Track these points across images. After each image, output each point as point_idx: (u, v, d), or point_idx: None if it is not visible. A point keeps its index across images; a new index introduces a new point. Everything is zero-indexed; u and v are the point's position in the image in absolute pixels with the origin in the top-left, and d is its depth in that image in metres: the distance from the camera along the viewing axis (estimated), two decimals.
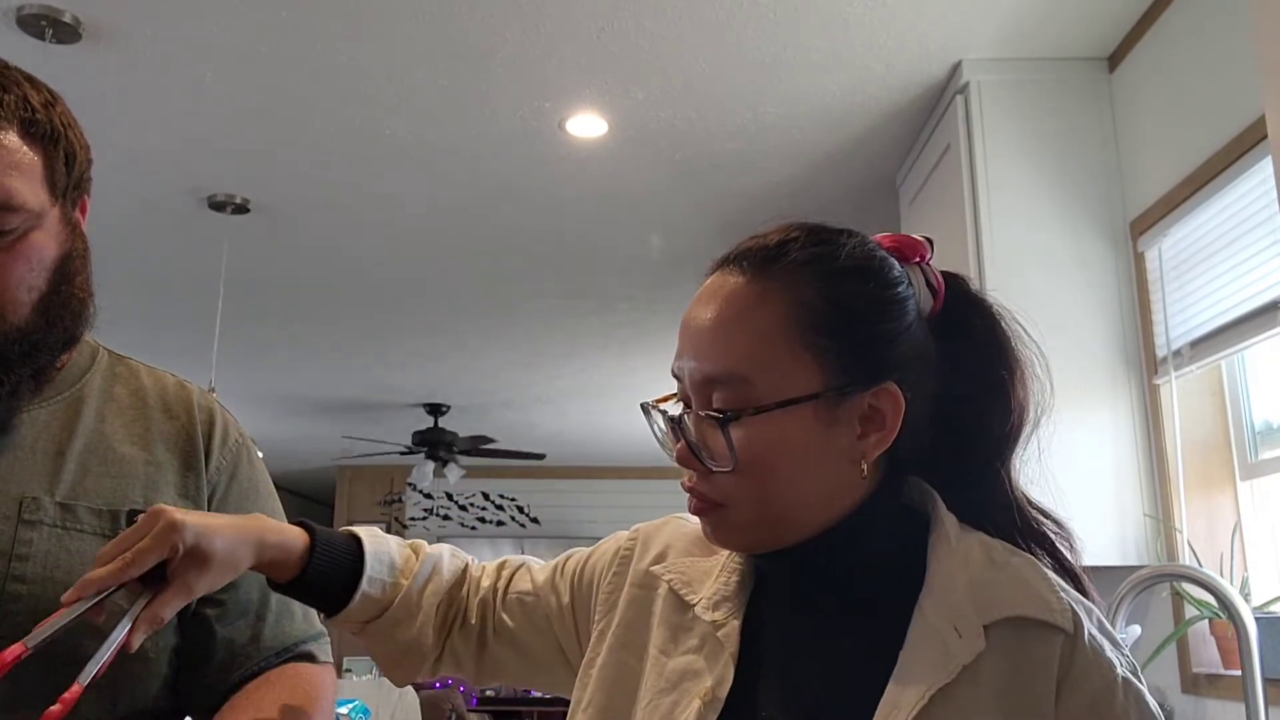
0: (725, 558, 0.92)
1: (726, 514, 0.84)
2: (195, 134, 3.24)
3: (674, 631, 0.90)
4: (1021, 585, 0.82)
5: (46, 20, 2.57)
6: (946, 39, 2.67)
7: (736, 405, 0.81)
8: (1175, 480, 2.38)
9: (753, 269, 0.85)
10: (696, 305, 0.87)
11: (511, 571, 1.05)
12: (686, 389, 0.86)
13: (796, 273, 0.84)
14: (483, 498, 9.47)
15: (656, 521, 1.01)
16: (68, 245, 1.05)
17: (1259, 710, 1.69)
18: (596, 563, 1.01)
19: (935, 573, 0.83)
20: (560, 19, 2.61)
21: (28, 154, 1.00)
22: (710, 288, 0.87)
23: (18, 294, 0.99)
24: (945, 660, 0.78)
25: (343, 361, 6.14)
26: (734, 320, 0.83)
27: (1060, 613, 0.80)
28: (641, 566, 0.96)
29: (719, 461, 0.82)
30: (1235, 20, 2.13)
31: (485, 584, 1.04)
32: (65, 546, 1.01)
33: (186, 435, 1.12)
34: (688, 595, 0.91)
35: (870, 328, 0.83)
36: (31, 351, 1.02)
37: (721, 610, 0.88)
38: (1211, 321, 2.26)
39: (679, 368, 0.87)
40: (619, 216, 3.87)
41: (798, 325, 0.82)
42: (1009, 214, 2.61)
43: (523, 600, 1.02)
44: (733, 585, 0.90)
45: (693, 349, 0.85)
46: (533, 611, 1.02)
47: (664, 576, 0.93)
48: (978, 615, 0.80)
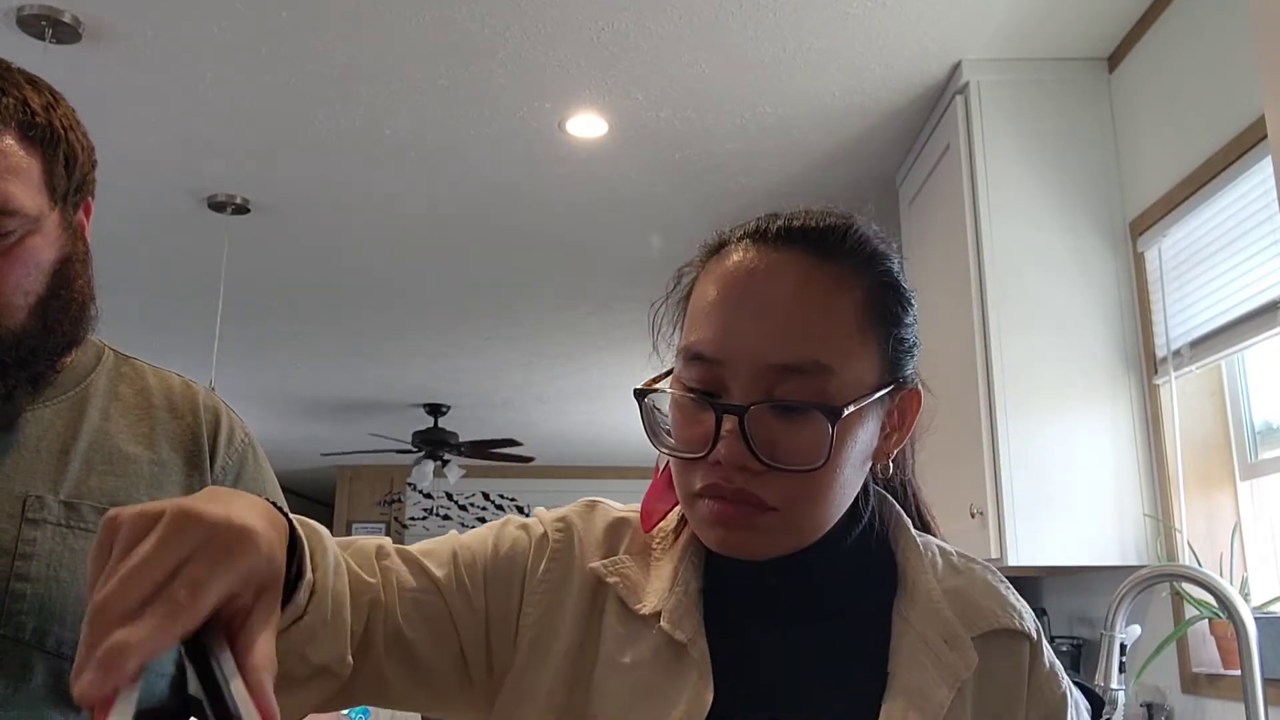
0: (676, 561, 0.83)
1: (773, 519, 0.75)
2: (195, 134, 3.24)
3: (621, 644, 0.80)
4: (991, 593, 0.84)
5: (46, 20, 2.57)
6: (946, 39, 2.67)
7: (818, 398, 0.73)
8: (1175, 480, 2.38)
9: (817, 249, 0.78)
10: (751, 282, 0.77)
11: (395, 562, 0.81)
12: (726, 376, 0.75)
13: (861, 260, 0.79)
14: (483, 498, 9.47)
15: (576, 508, 0.89)
16: (67, 249, 1.04)
17: (1259, 710, 1.70)
18: (513, 556, 0.84)
19: (908, 573, 0.83)
20: (560, 19, 2.61)
21: (25, 158, 0.99)
22: (767, 266, 0.77)
23: (13, 299, 0.99)
24: (942, 673, 0.77)
25: (343, 361, 6.14)
26: (816, 302, 0.76)
27: (1027, 619, 0.83)
28: (588, 564, 0.83)
29: (799, 459, 0.73)
30: (1235, 20, 2.13)
31: (370, 580, 0.78)
32: (69, 545, 1.01)
33: (192, 435, 1.12)
34: (635, 603, 0.81)
35: (909, 324, 0.81)
36: (28, 356, 1.01)
37: (687, 626, 0.79)
38: (1211, 321, 2.26)
39: (721, 350, 0.75)
40: (619, 217, 3.87)
41: (867, 316, 0.77)
42: (1009, 214, 2.61)
43: (419, 600, 0.80)
44: (692, 594, 0.81)
45: (761, 330, 0.75)
46: (432, 613, 0.80)
47: (608, 579, 0.82)
48: (965, 628, 0.80)
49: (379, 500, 9.50)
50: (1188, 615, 2.28)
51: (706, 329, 0.77)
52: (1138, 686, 2.43)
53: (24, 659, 0.96)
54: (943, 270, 2.84)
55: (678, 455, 0.78)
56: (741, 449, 0.73)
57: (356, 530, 9.40)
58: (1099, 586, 2.68)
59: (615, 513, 0.88)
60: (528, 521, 0.87)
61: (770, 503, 0.74)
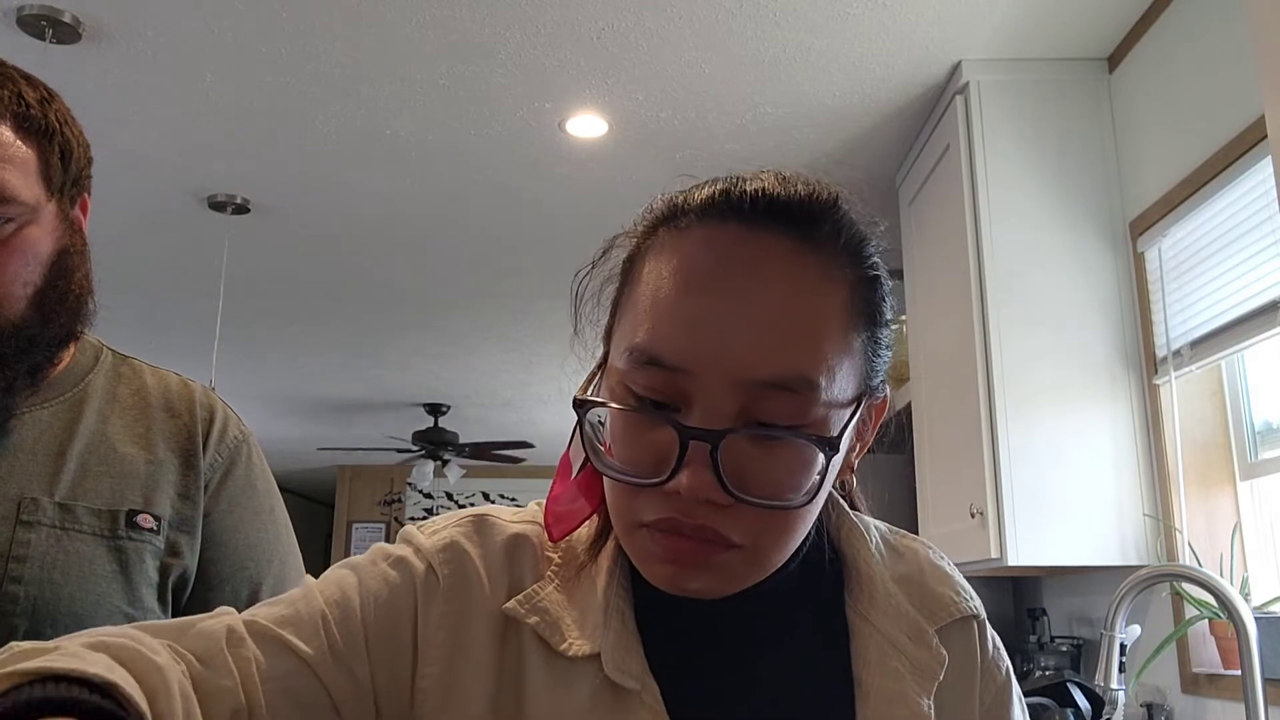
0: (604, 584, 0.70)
1: (734, 556, 0.64)
2: (195, 134, 3.24)
3: (549, 694, 0.67)
4: (944, 579, 0.78)
5: (46, 20, 2.57)
6: (946, 39, 2.67)
7: (796, 419, 0.62)
8: (1175, 480, 2.38)
9: (803, 231, 0.64)
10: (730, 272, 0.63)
11: (251, 650, 0.65)
12: (692, 388, 0.62)
13: (849, 243, 0.66)
14: (483, 498, 9.47)
15: (462, 529, 0.73)
16: (65, 241, 1.05)
17: (1259, 710, 1.70)
18: (394, 607, 0.69)
19: (858, 566, 0.75)
20: (560, 19, 2.61)
21: (21, 148, 1.00)
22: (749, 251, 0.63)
23: (12, 288, 1.00)
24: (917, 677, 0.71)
25: (343, 361, 6.14)
26: (803, 304, 0.63)
27: (974, 600, 0.79)
28: (491, 601, 0.69)
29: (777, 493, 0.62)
30: (1235, 20, 2.13)
31: (226, 684, 0.62)
32: (64, 547, 1.01)
33: (187, 433, 1.12)
34: (560, 644, 0.68)
35: (889, 322, 0.70)
36: (27, 347, 1.02)
37: (633, 670, 0.67)
38: (1211, 321, 2.26)
39: (691, 359, 0.61)
40: (619, 217, 3.85)
41: (852, 314, 0.65)
42: (1009, 214, 2.61)
43: (290, 689, 0.64)
44: (630, 626, 0.69)
45: (744, 337, 0.61)
46: (308, 701, 0.65)
47: (527, 620, 0.68)
48: (927, 620, 0.74)
49: (379, 500, 9.50)
50: (1188, 615, 2.28)
51: (667, 327, 0.62)
52: (1138, 686, 2.43)
53: None
54: (943, 270, 2.84)
55: (623, 479, 0.64)
56: (710, 480, 0.60)
57: (357, 530, 9.41)
58: (1099, 586, 2.68)
59: (509, 527, 0.73)
60: (402, 554, 0.71)
61: (734, 539, 0.62)
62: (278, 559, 1.16)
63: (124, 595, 1.02)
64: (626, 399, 0.64)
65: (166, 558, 1.06)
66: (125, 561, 1.03)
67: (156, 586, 1.05)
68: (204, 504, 1.11)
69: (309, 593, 0.70)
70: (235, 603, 1.11)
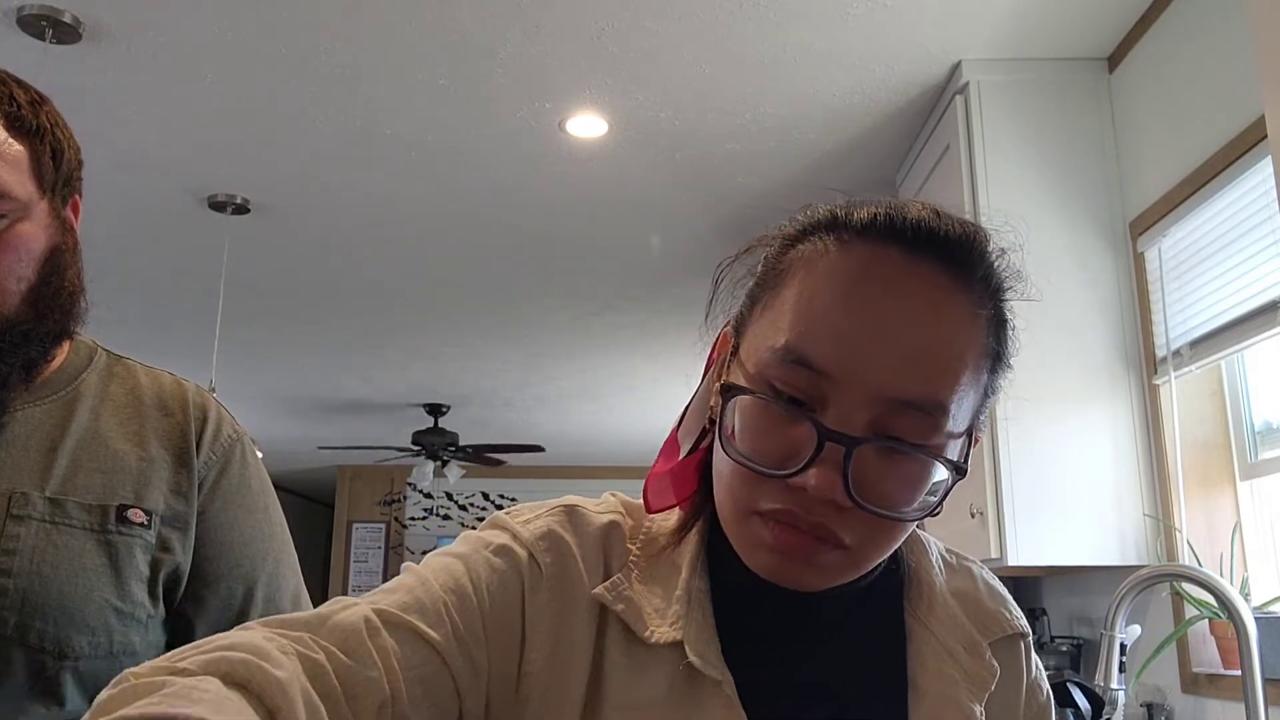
0: (683, 579, 0.73)
1: (841, 556, 0.68)
2: (195, 134, 3.24)
3: (630, 679, 0.70)
4: (998, 597, 0.82)
5: (46, 20, 2.57)
6: (946, 39, 2.67)
7: (922, 439, 0.66)
8: (1175, 480, 2.38)
9: (958, 267, 0.68)
10: (886, 293, 0.66)
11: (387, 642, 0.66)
12: (830, 394, 0.65)
13: (993, 286, 0.71)
14: (483, 498, 9.47)
15: (557, 515, 0.76)
16: (57, 239, 1.06)
17: (1259, 710, 1.69)
18: (506, 597, 0.71)
19: (919, 572, 0.79)
20: (560, 19, 2.61)
21: (14, 145, 1.02)
22: (902, 277, 0.67)
23: (6, 284, 1.01)
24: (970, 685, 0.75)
25: (343, 361, 6.14)
26: (950, 335, 0.67)
27: (1023, 619, 0.82)
28: (586, 587, 0.72)
29: (893, 504, 0.66)
30: (1235, 20, 2.13)
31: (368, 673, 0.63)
32: (53, 541, 1.01)
33: (180, 432, 1.13)
34: (643, 631, 0.71)
35: (1009, 371, 0.74)
36: (21, 342, 1.03)
37: (711, 658, 0.70)
38: (1211, 321, 2.26)
39: (839, 366, 0.65)
40: (619, 216, 3.87)
41: (985, 354, 0.70)
42: (1009, 214, 2.61)
43: (424, 678, 0.66)
44: (710, 618, 0.72)
45: (892, 356, 0.65)
46: (437, 689, 0.66)
47: (614, 606, 0.71)
48: (981, 634, 0.78)
49: (379, 500, 9.50)
50: (1188, 615, 2.28)
51: (820, 334, 0.66)
52: (1138, 686, 2.43)
53: (5, 654, 0.97)
54: None
55: (752, 466, 0.67)
56: (837, 482, 0.64)
57: (357, 530, 9.41)
58: (1099, 586, 2.68)
59: (600, 517, 0.77)
60: (504, 544, 0.73)
61: (845, 541, 0.66)
62: (272, 556, 1.16)
63: (114, 589, 1.03)
64: (765, 391, 0.67)
65: (158, 553, 1.07)
66: (115, 556, 1.04)
67: (147, 581, 1.06)
68: (199, 502, 1.11)
69: (424, 580, 0.71)
70: (230, 600, 1.11)
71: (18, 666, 0.97)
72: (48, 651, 0.98)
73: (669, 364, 5.89)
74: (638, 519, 0.78)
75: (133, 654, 1.03)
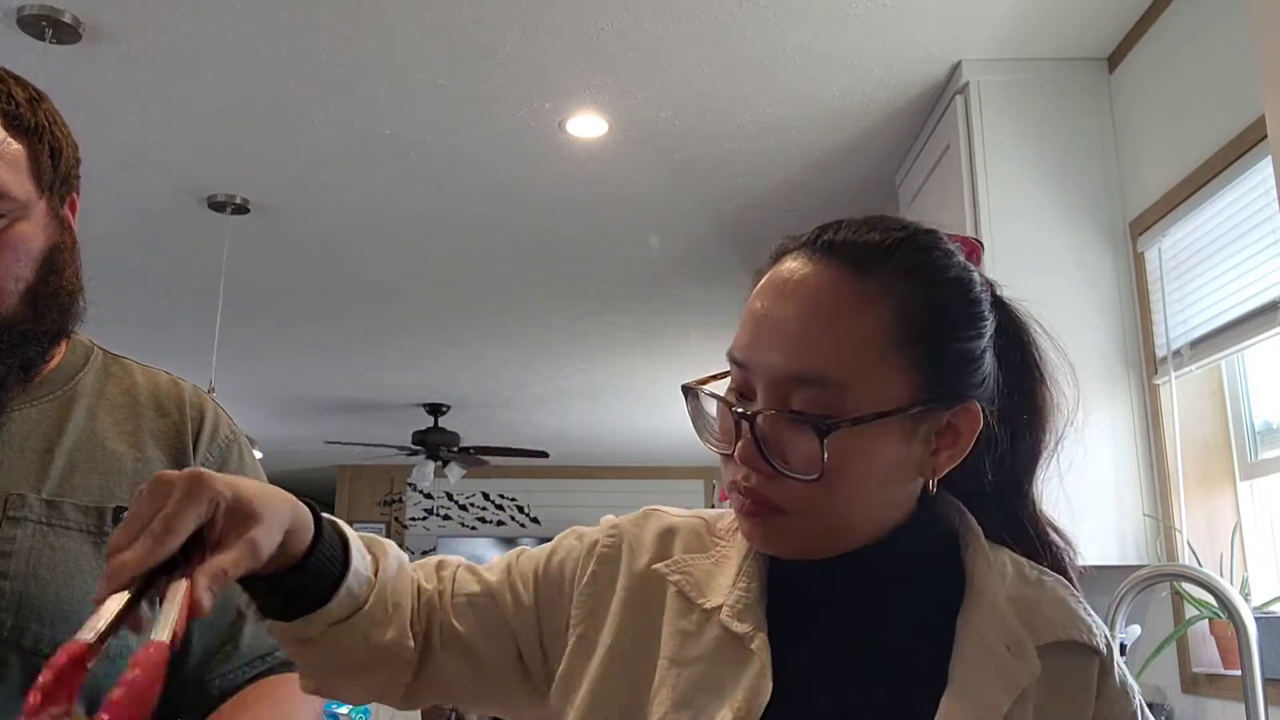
0: (739, 559, 0.85)
1: (785, 520, 0.78)
2: (195, 134, 3.24)
3: (683, 639, 0.82)
4: (1061, 605, 0.83)
5: (46, 20, 2.57)
6: (946, 39, 2.67)
7: (825, 410, 0.75)
8: (1175, 480, 2.38)
9: (853, 265, 0.79)
10: (781, 293, 0.79)
11: (453, 571, 0.91)
12: (753, 381, 0.79)
13: (902, 278, 0.79)
14: (483, 498, 9.47)
15: (633, 516, 0.92)
16: (55, 238, 1.06)
17: (1259, 710, 1.69)
18: (564, 561, 0.90)
19: (976, 583, 0.82)
20: (560, 19, 2.61)
21: (12, 144, 1.01)
22: (799, 277, 0.79)
23: (5, 284, 1.00)
24: (1003, 680, 0.77)
25: (343, 361, 6.14)
26: (834, 319, 0.77)
27: (1098, 635, 0.83)
28: (638, 567, 0.87)
29: (798, 468, 0.76)
30: (1235, 20, 2.13)
31: (428, 586, 0.88)
32: (50, 543, 1.01)
33: (176, 432, 1.12)
34: (699, 599, 0.84)
35: (963, 344, 0.80)
36: (20, 342, 1.02)
37: (748, 620, 0.81)
38: (1211, 321, 2.26)
39: (748, 357, 0.79)
40: (619, 216, 3.87)
41: (898, 334, 0.77)
42: (1009, 214, 2.61)
43: (473, 602, 0.88)
44: (754, 592, 0.83)
45: (778, 341, 0.77)
46: (486, 614, 0.88)
47: (670, 578, 0.85)
48: (1030, 635, 0.80)
49: (379, 500, 9.50)
50: (1188, 615, 2.28)
51: (743, 335, 0.81)
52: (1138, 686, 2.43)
53: (1, 657, 0.97)
54: None
55: (715, 450, 0.82)
56: (752, 451, 0.77)
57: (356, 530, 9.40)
58: (1099, 586, 2.67)
59: (668, 520, 0.91)
60: (585, 530, 0.92)
61: (781, 505, 0.78)
62: None
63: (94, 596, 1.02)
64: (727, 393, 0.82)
65: None
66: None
67: None
68: None
69: (513, 552, 0.92)
70: (227, 602, 1.10)
71: (14, 669, 0.97)
72: (43, 654, 0.97)
73: (669, 364, 5.89)
74: (725, 523, 0.90)
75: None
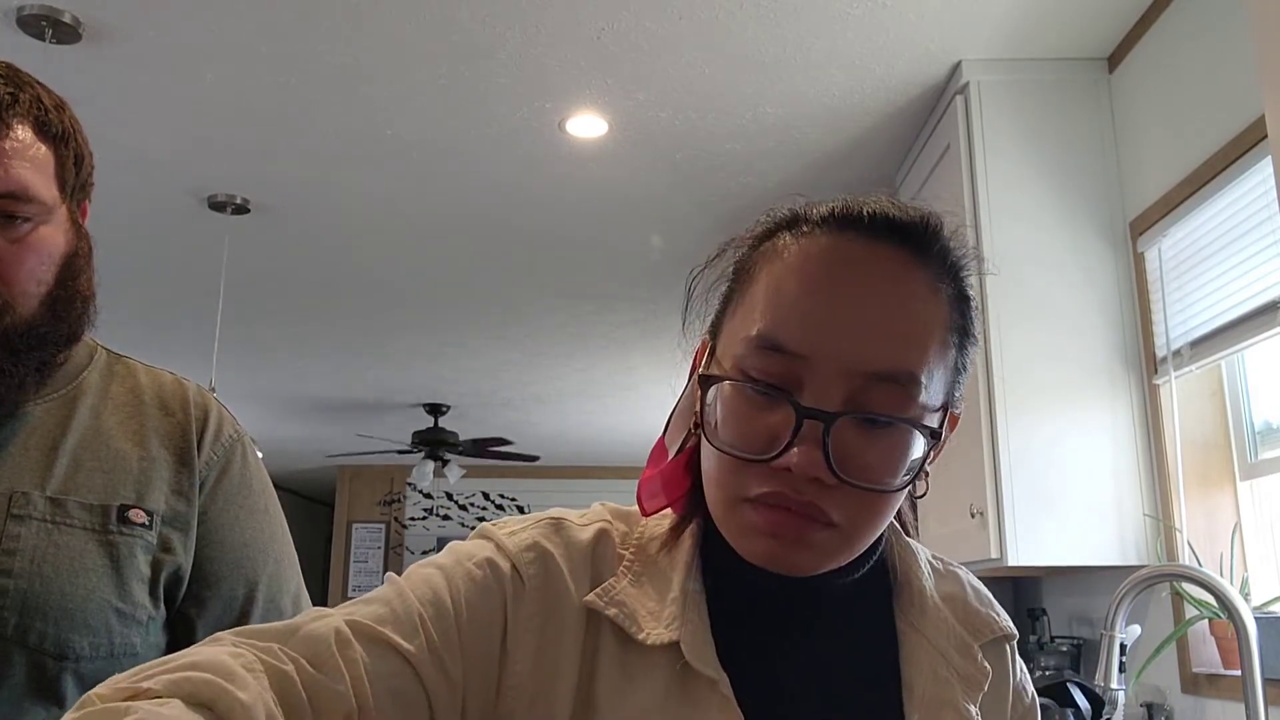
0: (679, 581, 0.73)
1: (830, 535, 0.69)
2: (195, 134, 3.24)
3: (622, 683, 0.70)
4: (985, 600, 0.84)
5: (46, 20, 2.57)
6: (946, 39, 2.67)
7: (904, 411, 0.68)
8: (1175, 480, 2.38)
9: (916, 246, 0.71)
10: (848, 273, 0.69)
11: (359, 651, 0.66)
12: (809, 374, 0.67)
13: (950, 265, 0.73)
14: (483, 498, 9.47)
15: (541, 528, 0.76)
16: (74, 243, 1.07)
17: (1259, 710, 1.70)
18: (487, 609, 0.70)
19: (907, 576, 0.80)
20: (560, 19, 2.61)
21: (41, 149, 1.03)
22: (863, 256, 0.70)
23: (27, 286, 1.01)
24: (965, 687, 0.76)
25: (343, 361, 6.14)
26: (915, 307, 0.69)
27: (1007, 619, 0.84)
28: (574, 597, 0.72)
29: (876, 477, 0.67)
30: (1235, 20, 2.13)
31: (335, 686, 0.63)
32: (54, 541, 1.01)
33: (181, 431, 1.12)
34: (639, 634, 0.71)
35: (973, 342, 0.75)
36: (38, 344, 1.03)
37: (707, 659, 0.70)
38: (1211, 321, 2.26)
39: (810, 345, 0.67)
40: (619, 216, 3.87)
41: (951, 327, 0.72)
42: (1009, 214, 2.61)
43: (395, 690, 0.66)
44: (705, 618, 0.73)
45: (860, 330, 0.67)
46: (409, 702, 0.66)
47: (606, 611, 0.71)
48: (971, 636, 0.79)
49: (379, 500, 9.50)
50: (1188, 615, 2.28)
51: (789, 318, 0.68)
52: (1138, 686, 2.43)
53: (5, 654, 0.97)
54: None
55: (735, 454, 0.68)
56: (819, 459, 0.65)
57: (357, 530, 9.40)
58: (1099, 586, 2.68)
59: (586, 529, 0.77)
60: (488, 555, 0.73)
61: (834, 518, 0.68)
62: (273, 557, 1.16)
63: (114, 590, 1.02)
64: (747, 383, 0.69)
65: (159, 553, 1.07)
66: (116, 556, 1.03)
67: (148, 582, 1.05)
68: (200, 503, 1.11)
69: (401, 592, 0.70)
70: (232, 601, 1.11)
71: (18, 667, 0.97)
72: (48, 652, 0.98)
73: (669, 364, 5.89)
74: (630, 525, 0.78)
75: (134, 655, 1.03)
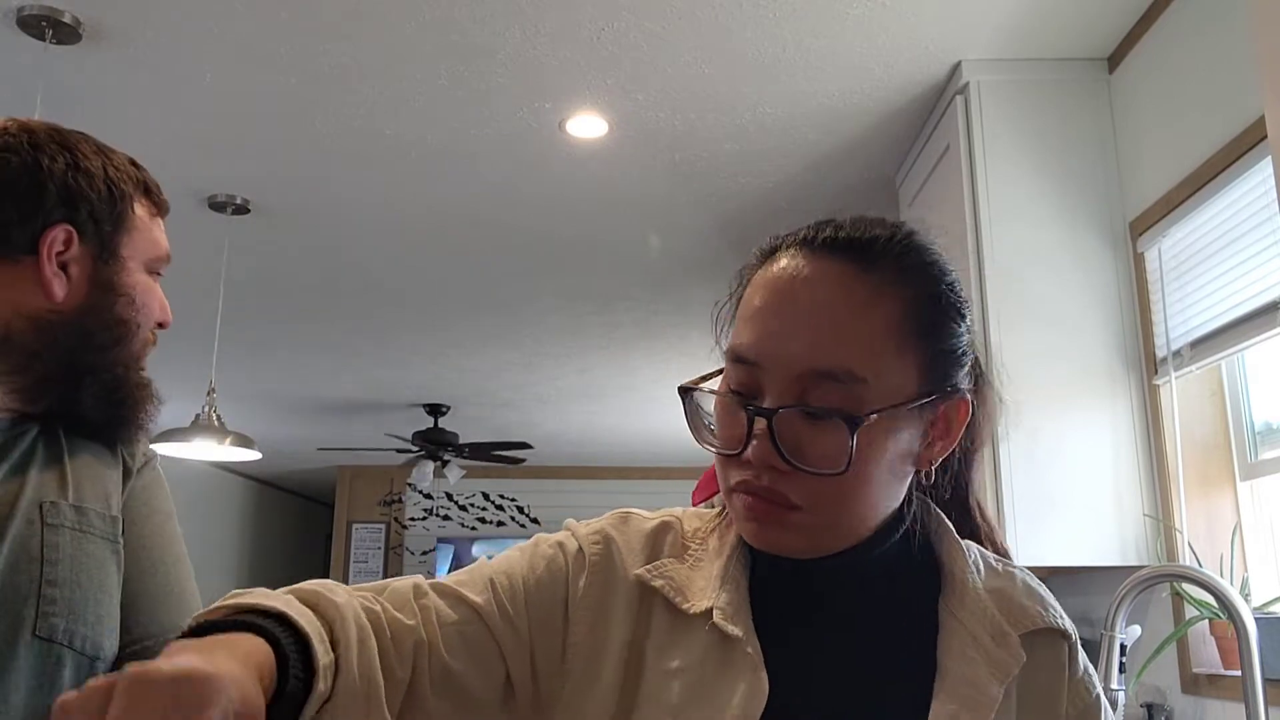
0: (720, 563, 0.84)
1: (798, 517, 0.78)
2: (195, 134, 3.24)
3: (669, 647, 0.81)
4: (1034, 596, 0.86)
5: (46, 20, 2.57)
6: (946, 39, 2.67)
7: (847, 405, 0.76)
8: (1175, 480, 2.38)
9: (859, 259, 0.80)
10: (791, 289, 0.79)
11: (433, 599, 0.80)
12: (761, 378, 0.78)
13: (905, 274, 0.80)
14: (483, 498, 9.47)
15: (611, 519, 0.89)
16: None
17: (1259, 710, 1.69)
18: (552, 578, 0.84)
19: (954, 572, 0.85)
20: (560, 19, 2.61)
21: None
22: (808, 273, 0.79)
23: None
24: (994, 669, 0.80)
25: (343, 361, 6.14)
26: (853, 312, 0.78)
27: (1065, 620, 0.86)
28: (629, 573, 0.84)
29: (822, 464, 0.75)
30: (1235, 20, 2.13)
31: (410, 622, 0.77)
32: (83, 549, 1.04)
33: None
34: (683, 604, 0.82)
35: (956, 338, 0.83)
36: None
37: (739, 621, 0.80)
38: (1211, 322, 2.26)
39: (760, 353, 0.78)
40: (619, 216, 3.87)
41: (905, 325, 0.79)
42: (1009, 214, 2.61)
43: (463, 632, 0.79)
44: (743, 592, 0.83)
45: (799, 336, 0.77)
46: (477, 644, 0.79)
47: (654, 582, 0.83)
48: (1011, 625, 0.83)
49: (379, 500, 9.50)
50: (1188, 615, 2.28)
51: (748, 332, 0.80)
52: (1138, 686, 2.43)
53: (59, 658, 1.00)
54: None
55: (716, 451, 0.81)
56: (769, 449, 0.76)
57: (357, 530, 9.40)
58: (1099, 586, 2.68)
59: (650, 521, 0.89)
60: (560, 539, 0.87)
61: (796, 501, 0.77)
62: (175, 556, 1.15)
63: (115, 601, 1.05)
64: (724, 391, 0.81)
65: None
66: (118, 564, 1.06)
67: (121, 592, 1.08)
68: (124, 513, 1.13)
69: (480, 565, 0.86)
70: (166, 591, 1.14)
71: (68, 670, 1.00)
72: (88, 655, 1.02)
73: (669, 364, 5.89)
74: (702, 522, 0.90)
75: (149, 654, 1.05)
